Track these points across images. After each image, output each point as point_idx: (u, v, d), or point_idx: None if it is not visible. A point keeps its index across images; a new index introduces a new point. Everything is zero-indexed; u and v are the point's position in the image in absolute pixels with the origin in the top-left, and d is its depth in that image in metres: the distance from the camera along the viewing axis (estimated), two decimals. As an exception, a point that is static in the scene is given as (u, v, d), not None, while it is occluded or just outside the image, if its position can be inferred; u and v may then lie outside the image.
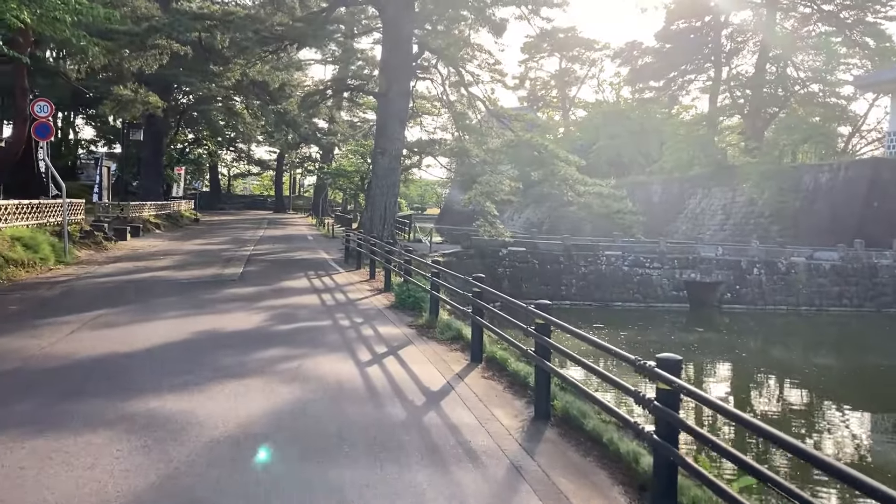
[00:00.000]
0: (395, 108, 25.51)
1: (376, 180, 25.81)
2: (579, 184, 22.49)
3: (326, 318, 11.90)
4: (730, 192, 48.40)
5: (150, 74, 36.93)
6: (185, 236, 32.45)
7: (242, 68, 24.22)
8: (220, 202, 75.32)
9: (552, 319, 7.00)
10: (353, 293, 15.35)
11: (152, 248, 24.91)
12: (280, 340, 9.91)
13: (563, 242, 29.14)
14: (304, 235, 36.37)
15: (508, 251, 27.93)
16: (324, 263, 21.92)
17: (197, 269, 18.31)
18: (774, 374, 20.52)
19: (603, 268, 28.93)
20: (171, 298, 13.29)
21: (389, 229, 25.98)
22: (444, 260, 25.77)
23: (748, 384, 19.53)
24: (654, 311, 28.87)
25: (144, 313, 11.50)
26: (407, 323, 11.82)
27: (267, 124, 51.57)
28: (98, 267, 18.03)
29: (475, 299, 9.29)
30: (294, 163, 75.87)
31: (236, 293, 14.38)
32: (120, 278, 15.90)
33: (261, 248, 26.41)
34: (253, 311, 12.31)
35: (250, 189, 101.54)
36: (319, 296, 14.67)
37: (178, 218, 42.09)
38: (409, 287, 13.69)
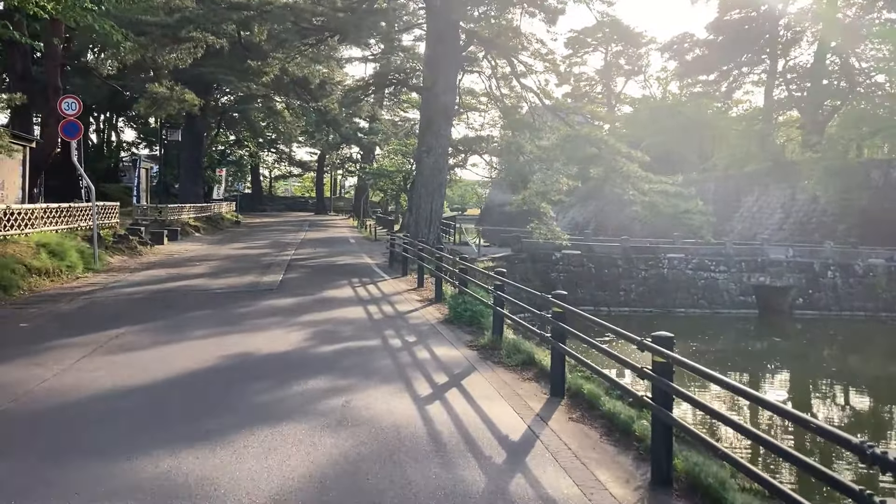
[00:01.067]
0: (442, 103, 24.04)
1: (421, 180, 24.36)
2: (643, 181, 20.70)
3: (375, 337, 10.41)
4: (789, 189, 45.95)
5: (189, 73, 36.07)
6: (225, 240, 31.40)
7: (281, 63, 22.94)
8: (262, 204, 74.77)
9: (678, 358, 5.40)
10: (402, 304, 13.86)
11: (189, 252, 23.79)
12: (323, 367, 8.44)
13: (622, 245, 27.32)
14: (346, 238, 35.10)
15: (562, 255, 26.22)
16: (368, 269, 20.51)
17: (233, 277, 17.02)
18: (858, 389, 18.51)
19: (665, 272, 27.04)
20: (202, 313, 11.95)
21: (435, 232, 24.52)
22: (495, 265, 24.20)
23: (831, 399, 17.56)
24: (721, 317, 26.88)
25: (169, 332, 10.14)
26: (466, 343, 10.27)
27: (307, 124, 50.58)
28: (128, 275, 16.85)
29: (556, 321, 7.70)
30: (335, 164, 75.11)
31: (274, 305, 12.99)
32: (149, 288, 14.65)
33: (302, 253, 25.13)
34: (292, 327, 10.88)
35: (291, 190, 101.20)
36: (365, 308, 13.20)
37: (218, 220, 41.21)
38: (465, 299, 12.14)
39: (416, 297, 14.97)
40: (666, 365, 5.53)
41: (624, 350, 9.26)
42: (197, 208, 37.98)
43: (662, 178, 21.06)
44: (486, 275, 11.11)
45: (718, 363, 22.40)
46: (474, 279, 12.69)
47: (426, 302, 14.34)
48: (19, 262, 14.08)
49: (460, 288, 12.40)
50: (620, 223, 59.49)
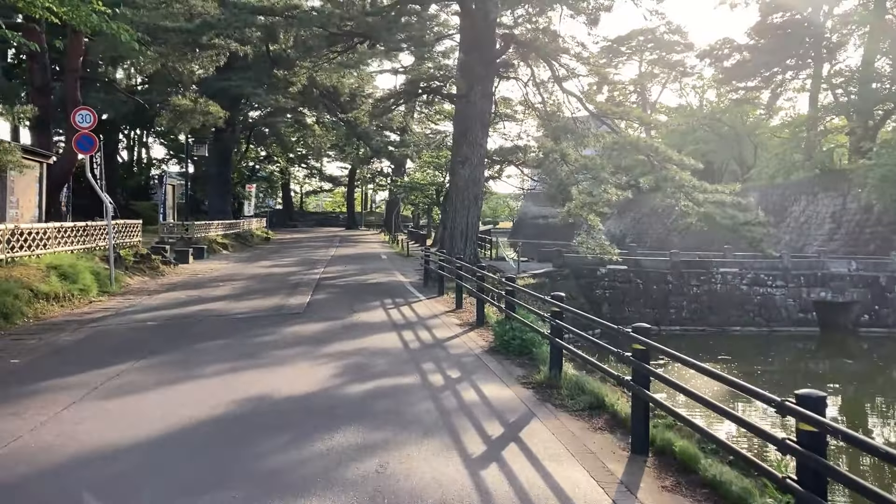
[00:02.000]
0: (478, 111, 22.75)
1: (456, 192, 23.02)
2: (698, 191, 19.11)
3: (412, 371, 9.01)
4: (839, 197, 43.81)
5: (215, 87, 35.30)
6: (253, 257, 30.33)
7: (309, 71, 21.84)
8: (293, 219, 74.12)
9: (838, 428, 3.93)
10: (440, 329, 12.46)
11: (214, 272, 22.69)
12: (352, 413, 7.06)
13: (671, 259, 25.66)
14: (378, 254, 33.86)
15: (608, 270, 24.66)
16: (401, 288, 19.17)
17: (257, 299, 15.78)
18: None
19: (718, 287, 25.30)
20: (218, 342, 10.66)
21: (472, 247, 23.15)
22: (536, 281, 22.72)
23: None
24: (779, 336, 25.04)
25: (177, 368, 8.85)
26: (518, 378, 8.83)
27: (337, 137, 49.67)
28: (146, 298, 15.69)
29: (638, 362, 6.24)
30: (365, 178, 74.26)
31: (299, 333, 11.67)
32: (165, 313, 13.44)
33: (331, 271, 23.90)
34: (318, 360, 9.53)
35: (322, 206, 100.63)
36: (400, 334, 11.82)
37: (247, 237, 40.30)
38: (513, 325, 10.70)
39: (455, 321, 13.57)
40: (816, 435, 4.01)
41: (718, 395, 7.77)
42: (225, 225, 37.09)
43: (718, 187, 19.44)
44: (539, 298, 9.65)
45: (782, 387, 20.63)
46: (523, 302, 11.26)
47: (467, 326, 12.93)
48: (25, 287, 12.97)
49: (507, 312, 10.96)
50: (658, 235, 57.64)
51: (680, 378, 7.00)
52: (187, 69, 18.92)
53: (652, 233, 59.55)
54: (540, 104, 25.49)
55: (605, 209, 19.83)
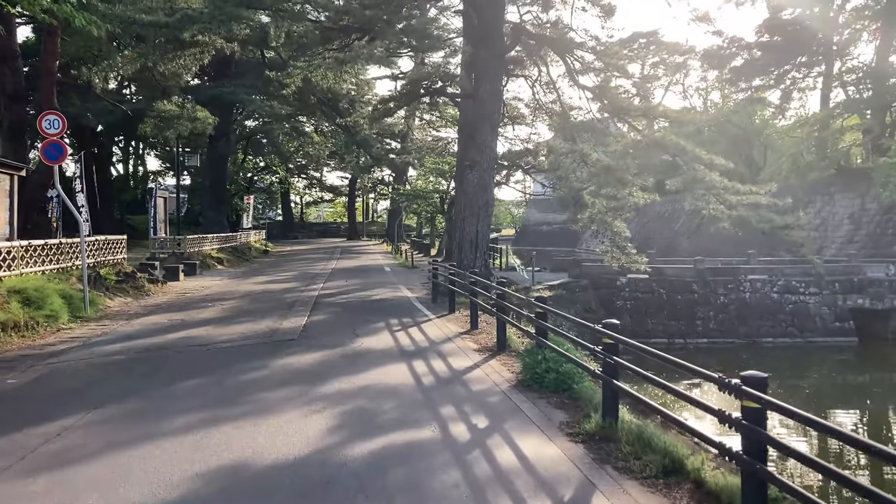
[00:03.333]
0: (486, 110, 21.08)
1: (465, 199, 21.32)
2: (730, 193, 17.38)
3: (429, 420, 7.27)
4: (857, 198, 42.12)
5: (206, 93, 33.71)
6: (248, 273, 28.64)
7: (303, 72, 20.14)
8: (293, 231, 72.55)
9: None
10: (456, 358, 10.72)
11: (204, 290, 20.98)
12: (355, 492, 5.32)
13: (695, 266, 23.92)
14: (381, 266, 32.14)
15: (628, 280, 22.94)
16: (408, 306, 17.45)
17: (248, 323, 14.05)
18: None
19: (747, 296, 23.56)
20: (194, 382, 8.93)
21: (482, 258, 21.45)
22: (553, 294, 20.99)
23: None
24: (814, 347, 23.26)
25: (136, 423, 7.12)
26: (562, 427, 7.09)
27: (336, 145, 48.05)
28: (123, 324, 13.97)
29: (752, 426, 4.49)
30: (366, 187, 72.75)
31: (292, 366, 9.93)
32: (140, 343, 11.71)
33: (332, 286, 22.18)
34: (312, 405, 7.80)
35: (323, 216, 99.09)
36: (410, 365, 10.09)
37: (244, 251, 38.61)
38: (546, 355, 8.96)
39: (471, 345, 11.83)
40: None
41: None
42: (220, 238, 35.40)
43: (752, 188, 17.71)
44: (584, 325, 7.88)
45: (821, 403, 18.85)
46: (551, 323, 9.53)
47: (486, 352, 11.20)
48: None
49: (538, 339, 9.21)
50: (666, 240, 55.90)
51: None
52: (169, 69, 17.28)
53: (659, 238, 57.78)
54: (552, 103, 23.87)
55: (630, 214, 18.07)
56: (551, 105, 23.72)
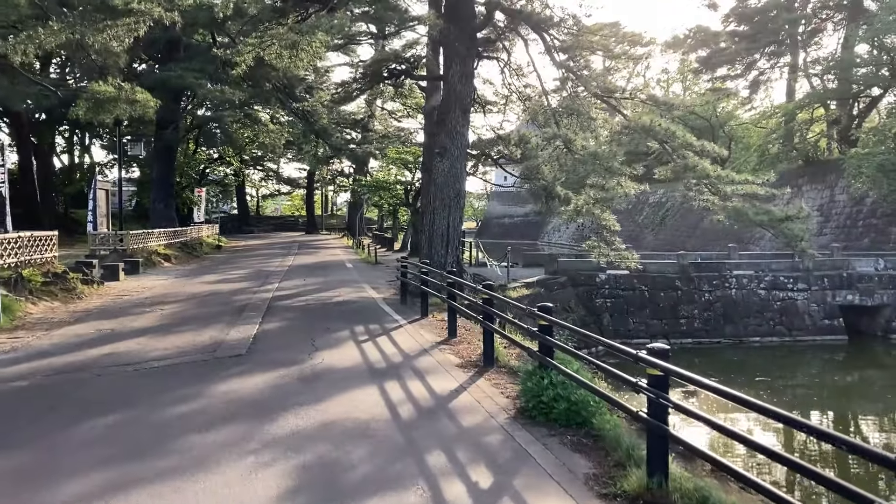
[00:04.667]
0: (457, 93, 19.32)
1: (434, 189, 19.53)
2: (724, 183, 15.92)
3: (413, 477, 5.49)
4: (826, 189, 41.53)
5: (152, 78, 31.25)
6: (198, 270, 26.46)
7: (255, 49, 18.10)
8: (249, 225, 69.82)
9: None
10: (437, 377, 8.96)
11: (145, 291, 18.85)
12: None
13: (679, 261, 22.50)
14: (342, 262, 30.17)
15: (608, 276, 21.42)
16: (374, 309, 15.62)
17: (188, 333, 12.07)
18: None
19: (733, 293, 22.22)
20: (108, 420, 6.99)
21: (455, 253, 19.73)
22: (531, 292, 19.36)
23: None
24: (803, 346, 22.06)
25: (9, 493, 5.20)
26: (590, 483, 5.38)
27: (294, 135, 45.75)
28: (40, 336, 11.88)
29: None
30: (325, 179, 70.44)
31: (235, 394, 8.04)
32: (53, 362, 9.68)
33: (288, 286, 20.22)
34: (259, 456, 5.95)
35: (281, 210, 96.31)
36: (382, 389, 8.28)
37: (195, 246, 36.21)
38: (553, 378, 7.23)
39: (453, 359, 10.09)
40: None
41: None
42: (168, 233, 33.01)
43: (748, 177, 16.27)
44: (623, 351, 6.04)
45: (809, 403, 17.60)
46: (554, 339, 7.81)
47: (471, 368, 9.46)
48: None
49: (543, 359, 7.46)
50: (629, 233, 54.76)
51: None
52: (100, 42, 15.14)
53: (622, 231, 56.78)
54: (525, 87, 22.21)
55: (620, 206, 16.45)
56: (524, 89, 22.03)
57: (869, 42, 45.60)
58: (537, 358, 7.58)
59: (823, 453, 12.87)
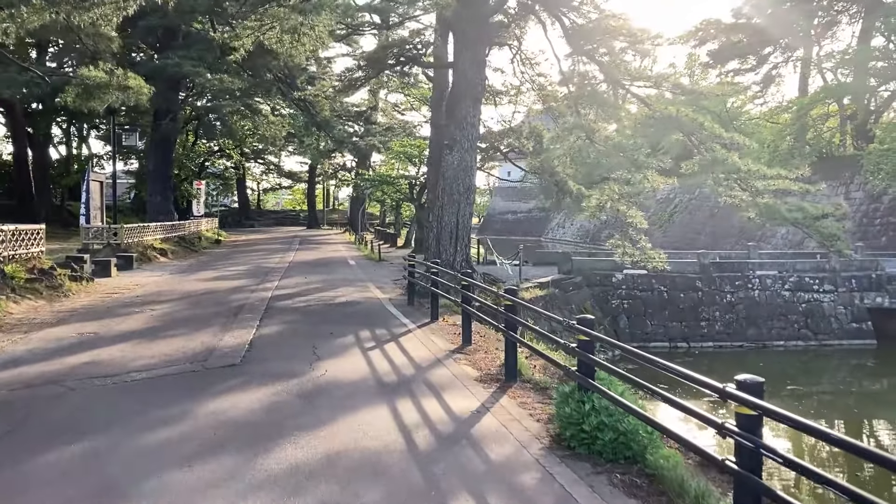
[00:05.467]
0: (468, 82, 18.33)
1: (443, 184, 18.51)
2: (755, 178, 14.87)
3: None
4: (841, 186, 40.49)
5: (148, 66, 30.19)
6: (195, 266, 25.43)
7: (254, 33, 17.10)
8: (249, 219, 68.81)
9: None
10: (455, 394, 7.93)
11: (137, 289, 17.83)
12: None
13: (699, 261, 21.44)
14: (344, 259, 29.13)
15: (625, 276, 20.40)
16: (380, 310, 14.59)
17: (179, 337, 11.04)
18: None
19: (756, 294, 21.18)
20: (74, 450, 5.94)
21: (464, 251, 18.74)
22: (545, 292, 18.31)
23: None
24: (829, 350, 21.02)
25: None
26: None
27: (294, 127, 44.66)
28: (18, 339, 10.84)
29: None
30: (327, 173, 69.43)
31: (226, 415, 6.99)
32: (24, 372, 8.65)
33: (289, 284, 19.19)
34: (250, 498, 4.92)
35: (282, 204, 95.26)
36: (394, 409, 7.25)
37: (193, 241, 35.17)
38: (595, 402, 6.19)
39: (470, 371, 9.06)
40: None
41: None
42: (166, 227, 31.98)
43: (781, 172, 15.21)
44: (704, 383, 4.93)
45: (836, 413, 16.55)
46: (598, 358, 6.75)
47: (492, 383, 8.43)
48: None
49: (582, 379, 6.41)
50: (640, 230, 53.74)
51: None
52: (85, 21, 14.13)
53: (631, 228, 55.61)
54: (538, 75, 21.14)
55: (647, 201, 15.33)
56: (537, 78, 20.97)
57: (886, 35, 44.50)
58: (576, 378, 6.53)
59: None
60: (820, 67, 50.50)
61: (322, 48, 24.35)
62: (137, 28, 32.03)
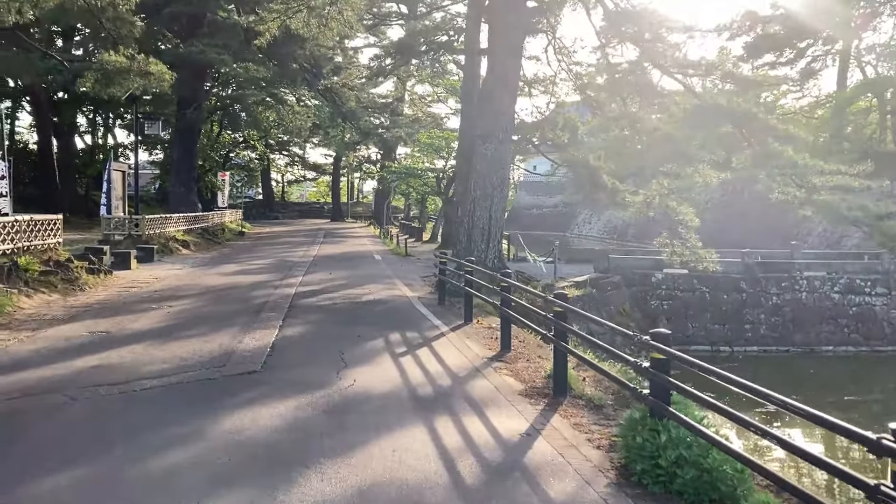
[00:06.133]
0: (503, 70, 17.36)
1: (476, 177, 17.60)
2: (813, 174, 13.82)
3: None
4: (886, 182, 38.89)
5: (172, 54, 29.55)
6: (217, 259, 24.79)
7: (280, 17, 16.35)
8: (274, 211, 68.36)
9: None
10: (499, 411, 7.05)
11: (156, 282, 17.14)
12: None
13: (744, 260, 20.35)
14: (370, 253, 28.33)
15: (664, 275, 19.38)
16: (409, 310, 13.74)
17: (196, 338, 10.26)
18: None
19: (803, 296, 20.06)
20: (63, 479, 5.12)
21: (496, 248, 17.84)
22: (581, 292, 17.35)
23: None
24: (881, 357, 19.87)
25: None
26: None
27: (320, 118, 43.96)
28: (24, 338, 10.13)
29: None
30: (352, 166, 68.83)
31: (243, 434, 6.16)
32: (23, 378, 7.89)
33: (313, 280, 18.40)
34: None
35: (306, 196, 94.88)
36: (432, 431, 6.38)
37: (216, 233, 34.62)
38: (672, 432, 5.26)
39: (514, 384, 8.17)
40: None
41: None
42: (189, 219, 31.43)
43: (840, 168, 14.12)
44: (863, 439, 3.99)
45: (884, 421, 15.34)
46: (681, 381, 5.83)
47: (539, 398, 7.54)
48: None
49: (656, 405, 5.48)
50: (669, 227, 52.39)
51: None
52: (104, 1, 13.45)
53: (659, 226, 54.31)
54: (574, 64, 20.15)
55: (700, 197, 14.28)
56: (574, 66, 19.99)
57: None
58: (648, 403, 5.61)
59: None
60: (860, 61, 48.88)
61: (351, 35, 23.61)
62: (162, 16, 31.46)
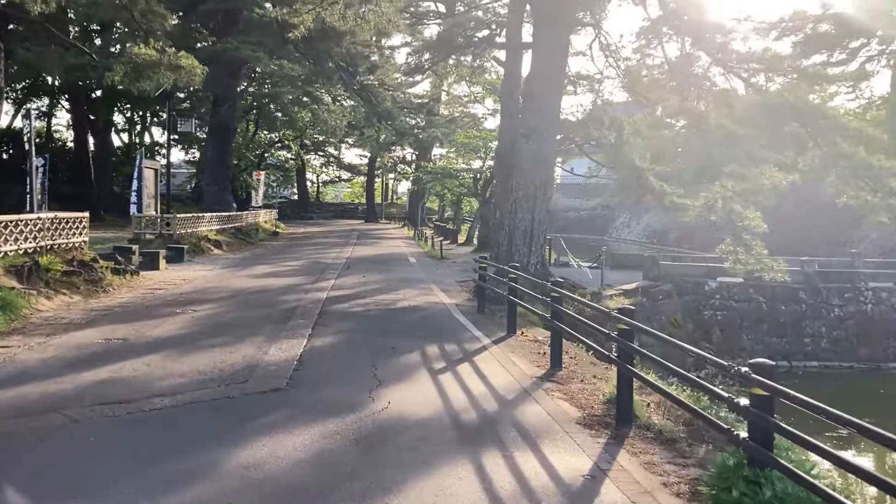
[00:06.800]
0: (549, 64, 16.40)
1: (518, 177, 16.66)
2: (889, 176, 12.63)
3: None
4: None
5: (208, 50, 29.09)
6: (249, 260, 24.19)
7: (315, 8, 15.63)
8: (308, 211, 68.06)
9: None
10: (556, 446, 6.09)
11: (184, 284, 16.48)
12: None
13: (803, 269, 19.08)
14: (404, 256, 27.52)
15: (718, 284, 18.22)
16: (447, 319, 12.84)
17: (217, 349, 9.45)
18: None
19: (868, 308, 18.73)
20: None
21: (539, 252, 16.91)
22: (630, 301, 16.27)
23: None
24: (953, 375, 18.47)
25: None
26: None
27: (355, 118, 43.36)
28: (36, 345, 9.42)
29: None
30: (386, 167, 68.30)
31: (261, 468, 5.29)
32: (25, 393, 7.14)
33: (345, 284, 17.61)
34: None
35: (341, 196, 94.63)
36: (481, 471, 5.45)
37: (250, 232, 34.11)
38: (777, 486, 4.26)
39: (570, 410, 7.21)
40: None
41: None
42: (222, 218, 30.94)
43: (922, 170, 12.87)
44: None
45: None
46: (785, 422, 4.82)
47: (601, 429, 6.57)
48: None
49: (757, 452, 4.48)
50: (708, 233, 50.71)
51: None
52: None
53: (702, 230, 52.66)
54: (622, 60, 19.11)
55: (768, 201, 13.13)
56: (623, 61, 18.95)
57: None
58: (747, 449, 4.61)
59: None
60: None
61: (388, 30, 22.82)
62: (198, 12, 31.08)
